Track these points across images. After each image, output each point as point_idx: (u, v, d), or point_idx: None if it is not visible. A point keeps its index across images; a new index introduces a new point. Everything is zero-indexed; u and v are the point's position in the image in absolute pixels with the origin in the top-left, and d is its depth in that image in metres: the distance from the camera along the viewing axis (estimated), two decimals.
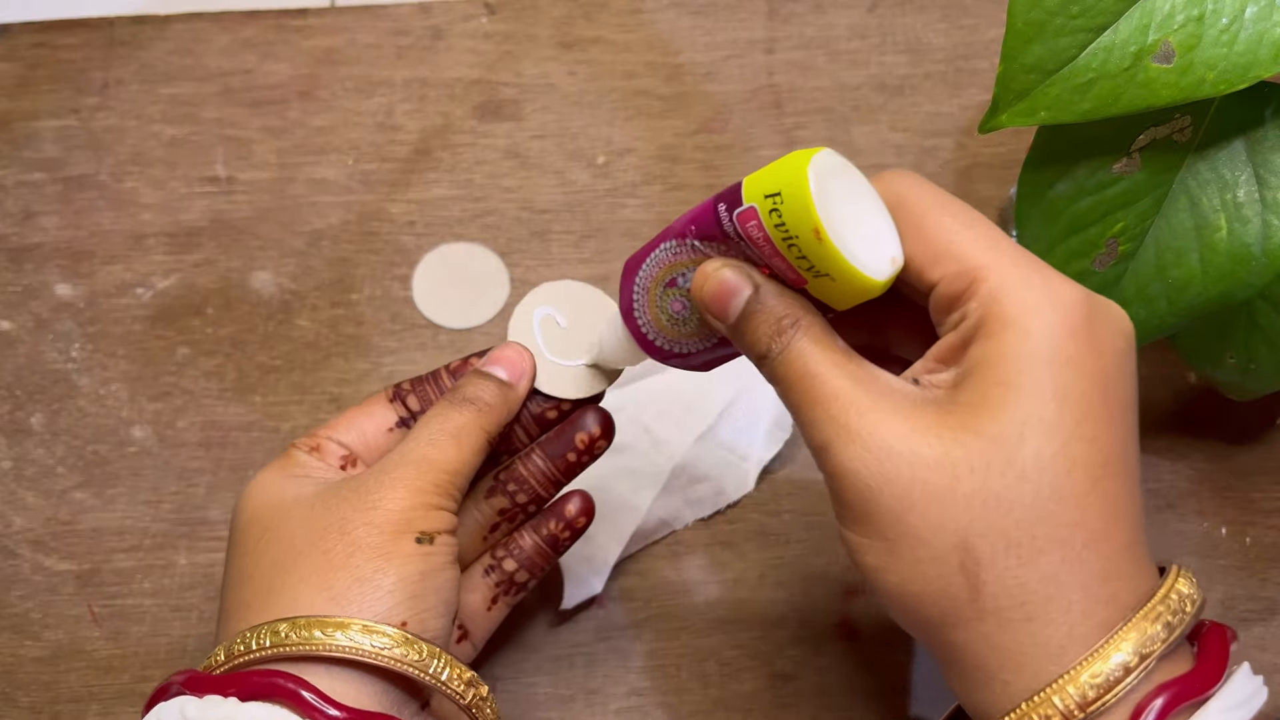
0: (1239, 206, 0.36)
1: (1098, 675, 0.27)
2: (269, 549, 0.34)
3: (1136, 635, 0.28)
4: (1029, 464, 0.28)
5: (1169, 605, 0.28)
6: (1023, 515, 0.28)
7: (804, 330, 0.31)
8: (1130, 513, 0.29)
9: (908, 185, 0.31)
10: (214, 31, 0.53)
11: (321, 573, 0.33)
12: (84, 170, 0.51)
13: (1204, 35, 0.33)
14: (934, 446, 0.28)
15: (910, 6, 0.54)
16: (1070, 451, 0.28)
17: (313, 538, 0.34)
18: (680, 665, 0.44)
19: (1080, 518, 0.28)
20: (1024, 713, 0.28)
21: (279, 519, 0.35)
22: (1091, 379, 0.29)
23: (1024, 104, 0.35)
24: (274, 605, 0.33)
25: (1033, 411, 0.28)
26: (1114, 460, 0.29)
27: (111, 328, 0.49)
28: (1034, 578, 0.28)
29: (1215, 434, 0.48)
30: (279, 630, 0.32)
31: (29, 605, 0.45)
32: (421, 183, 0.51)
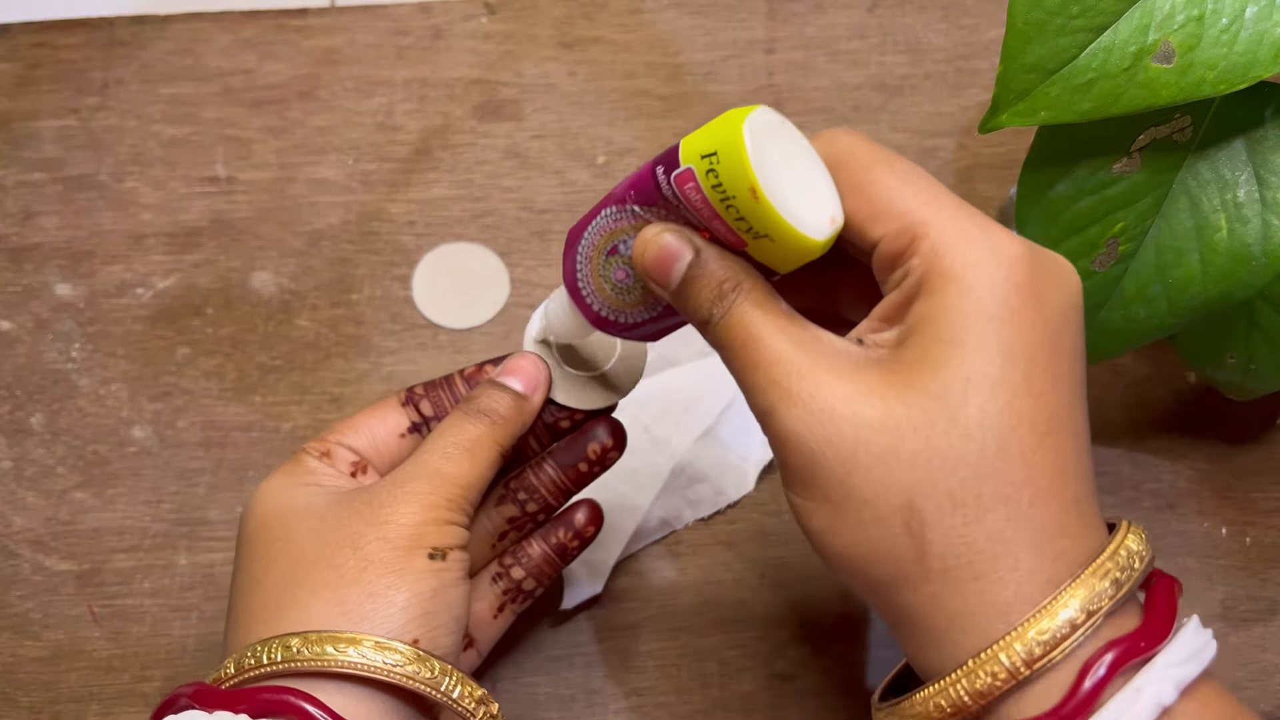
0: (1239, 206, 0.36)
1: (1044, 632, 0.27)
2: (279, 559, 0.34)
3: (1084, 592, 0.27)
4: (973, 421, 0.27)
5: (1117, 562, 0.28)
6: (967, 474, 0.28)
7: (745, 294, 0.30)
8: (1078, 469, 0.29)
9: (848, 143, 0.30)
10: (214, 31, 0.53)
11: (333, 587, 0.33)
12: (84, 170, 0.51)
13: (1204, 35, 0.33)
14: (876, 407, 0.28)
15: (910, 6, 0.54)
16: (1015, 408, 0.28)
17: (324, 551, 0.33)
18: (680, 665, 0.44)
19: (1026, 475, 0.28)
20: (970, 669, 0.28)
21: (289, 528, 0.35)
22: (1036, 333, 0.28)
23: (1024, 104, 0.35)
24: (284, 618, 0.33)
25: (976, 368, 0.28)
26: (1061, 416, 0.28)
27: (111, 328, 0.49)
28: (980, 536, 0.28)
29: (1215, 434, 0.48)
30: (290, 645, 0.31)
31: (29, 605, 0.45)
32: (421, 183, 0.51)
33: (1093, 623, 0.27)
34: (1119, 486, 0.47)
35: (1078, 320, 0.30)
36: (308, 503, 0.35)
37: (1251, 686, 0.44)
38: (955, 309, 0.28)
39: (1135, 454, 0.47)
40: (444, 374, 0.39)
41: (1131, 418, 0.48)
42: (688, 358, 0.47)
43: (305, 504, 0.35)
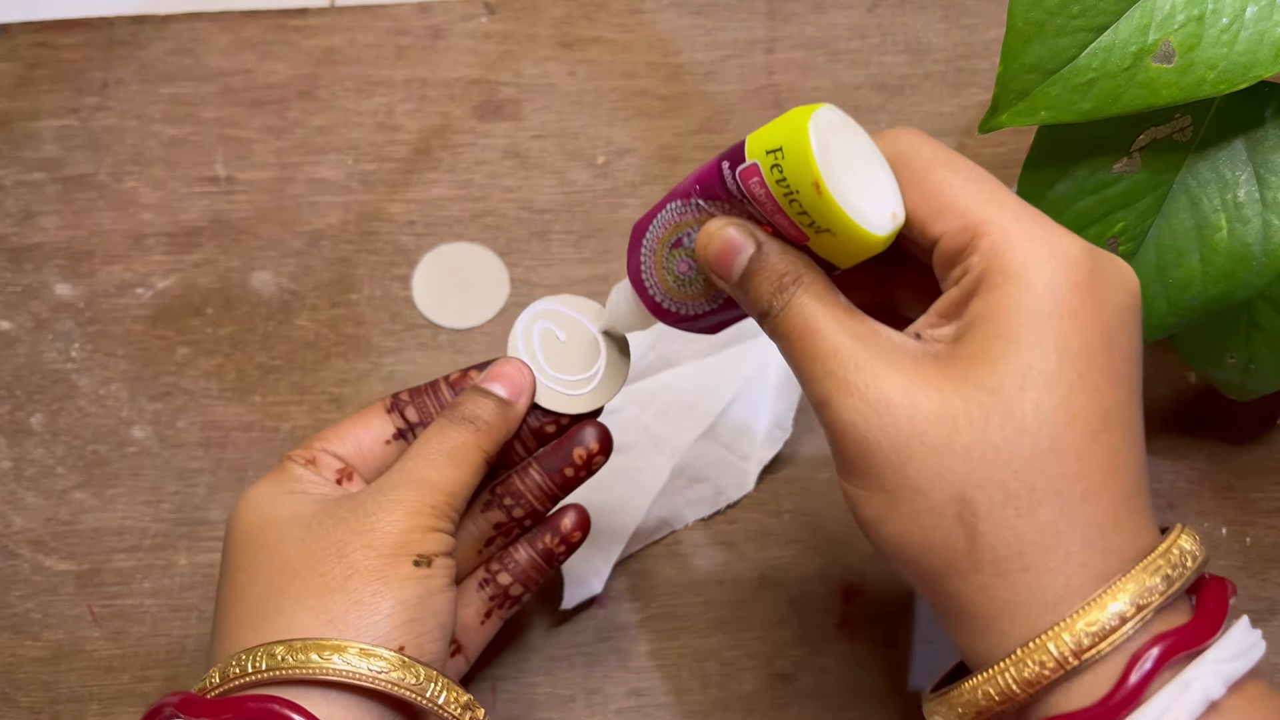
0: (1239, 206, 0.36)
1: (1094, 624, 0.27)
2: (264, 567, 0.34)
3: (1134, 586, 0.28)
4: (1028, 416, 0.28)
5: (1169, 559, 0.28)
6: (1021, 467, 0.28)
7: (805, 286, 0.30)
8: (1131, 466, 0.29)
9: (911, 142, 0.30)
10: (214, 31, 0.53)
11: (319, 595, 0.33)
12: (84, 170, 0.51)
13: (1204, 35, 0.33)
14: (932, 399, 0.28)
15: (910, 6, 0.54)
16: (1070, 404, 0.28)
17: (310, 559, 0.33)
18: (680, 665, 0.44)
19: (1079, 469, 0.28)
20: (1019, 659, 0.28)
21: (275, 537, 0.35)
22: (1093, 332, 0.28)
23: (1024, 104, 0.35)
24: (269, 627, 0.33)
25: (1033, 364, 0.28)
26: (1115, 413, 0.29)
27: (111, 328, 0.49)
28: (1031, 529, 0.28)
29: (1215, 434, 0.48)
30: (275, 653, 0.31)
31: (29, 605, 0.45)
32: (421, 183, 0.51)
33: (1142, 616, 0.27)
34: None
35: (1135, 321, 0.30)
36: (293, 511, 0.35)
37: None
38: (1014, 306, 0.28)
39: None
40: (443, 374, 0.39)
41: None
42: (688, 358, 0.47)
43: (291, 512, 0.35)
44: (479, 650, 0.39)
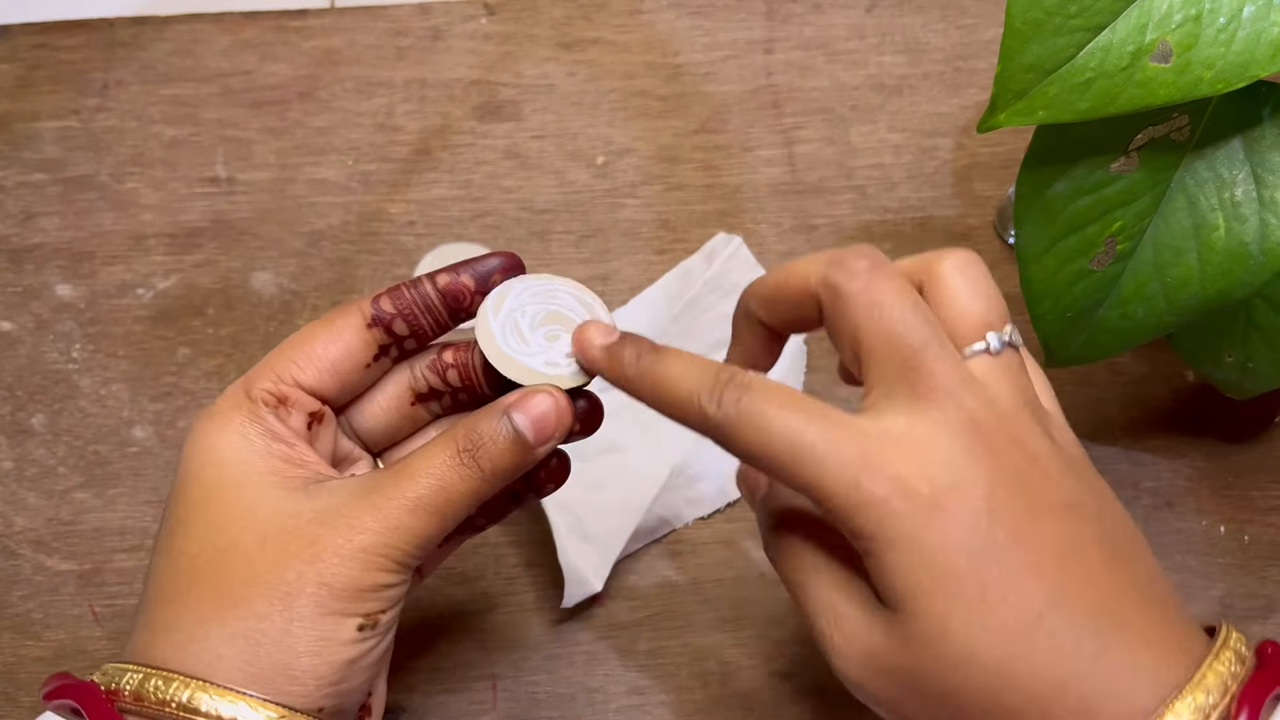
0: (1237, 205, 0.36)
1: (1190, 704, 0.26)
2: (206, 543, 0.31)
3: (1199, 695, 0.27)
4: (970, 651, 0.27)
5: (1234, 650, 0.27)
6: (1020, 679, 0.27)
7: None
8: (1132, 587, 0.28)
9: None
10: (214, 32, 0.54)
11: (253, 644, 0.30)
12: (84, 171, 0.51)
13: (1201, 34, 0.33)
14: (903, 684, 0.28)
15: (909, 7, 0.54)
16: (1016, 604, 0.27)
17: (254, 584, 0.30)
18: (680, 664, 0.44)
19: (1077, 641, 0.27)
20: None
21: (228, 513, 0.31)
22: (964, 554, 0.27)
23: (1022, 103, 0.35)
24: (195, 652, 0.30)
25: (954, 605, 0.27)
26: (1074, 558, 0.28)
27: (112, 328, 0.49)
28: (1064, 707, 0.27)
29: (1213, 432, 0.48)
30: (195, 700, 0.29)
31: (30, 605, 0.45)
32: (421, 183, 0.51)
33: (1229, 698, 0.27)
34: (1118, 485, 0.47)
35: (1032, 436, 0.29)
36: (254, 477, 0.32)
37: None
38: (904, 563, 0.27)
39: (1134, 452, 0.47)
40: None
41: (1130, 416, 0.48)
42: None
43: (250, 478, 0.32)
44: (436, 568, 0.38)
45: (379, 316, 0.34)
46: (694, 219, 0.51)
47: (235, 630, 0.30)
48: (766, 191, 0.51)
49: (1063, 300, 0.38)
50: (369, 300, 0.34)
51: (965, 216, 0.51)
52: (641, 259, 0.50)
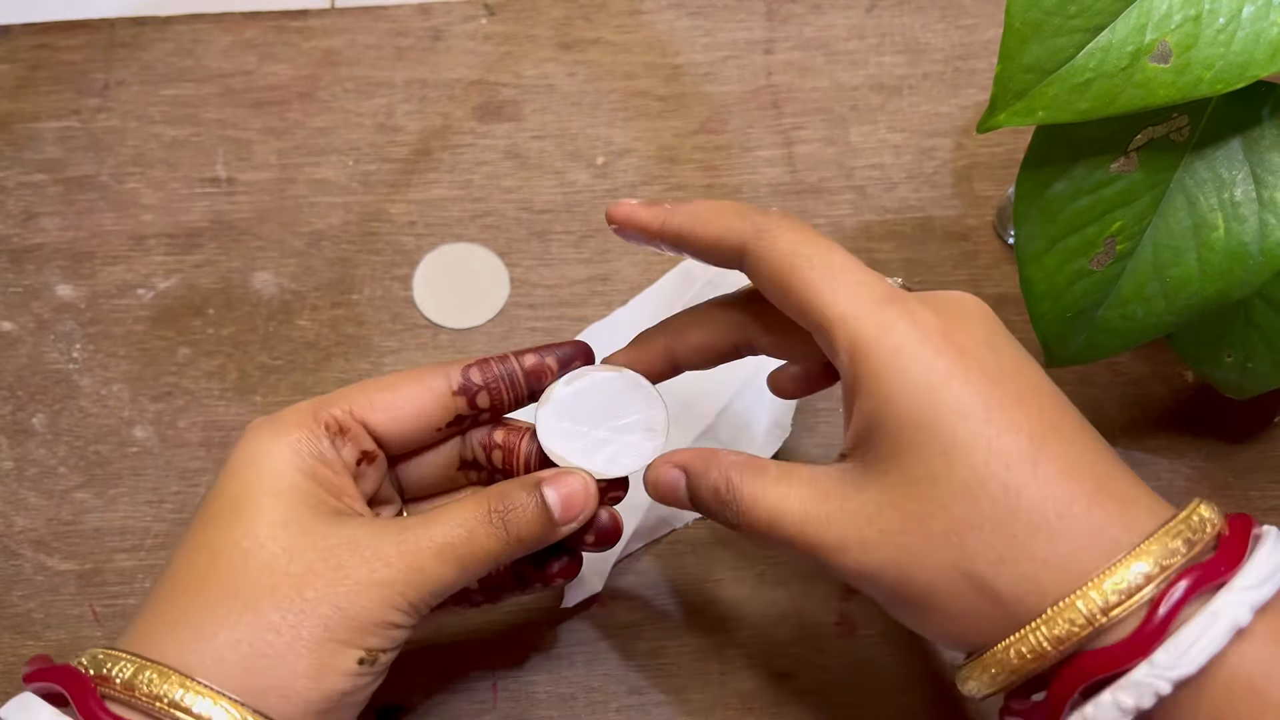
0: (1236, 206, 0.36)
1: (1120, 582, 0.28)
2: (231, 542, 0.32)
3: (1158, 548, 0.29)
4: (967, 487, 0.30)
5: (1189, 524, 0.29)
6: (992, 530, 0.30)
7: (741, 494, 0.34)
8: (1097, 453, 0.31)
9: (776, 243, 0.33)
10: (215, 33, 0.54)
11: (255, 655, 0.30)
12: (85, 171, 0.51)
13: (1201, 35, 0.33)
14: (893, 536, 0.31)
15: (908, 7, 0.54)
16: (997, 453, 0.30)
17: (268, 597, 0.31)
18: (680, 664, 0.44)
19: (1042, 495, 0.29)
20: (1049, 617, 0.29)
21: (260, 518, 0.32)
22: (979, 378, 0.30)
23: (1022, 104, 0.35)
24: (198, 649, 0.30)
25: (946, 445, 0.30)
26: (1040, 430, 0.30)
27: (113, 328, 0.49)
28: (1034, 565, 0.29)
29: (1213, 432, 0.48)
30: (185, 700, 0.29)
31: (31, 605, 0.45)
32: (421, 183, 0.51)
33: (1166, 576, 0.28)
34: None
35: (1004, 337, 0.32)
36: (291, 506, 0.32)
37: None
38: (901, 406, 0.30)
39: (1133, 452, 0.47)
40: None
41: (1129, 416, 0.48)
42: None
43: (289, 495, 0.32)
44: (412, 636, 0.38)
45: (466, 386, 0.35)
46: None
47: (242, 637, 0.31)
48: (766, 192, 0.51)
49: (1062, 300, 0.38)
50: (459, 368, 0.36)
51: (965, 217, 0.51)
52: (641, 259, 0.50)
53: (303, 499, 0.33)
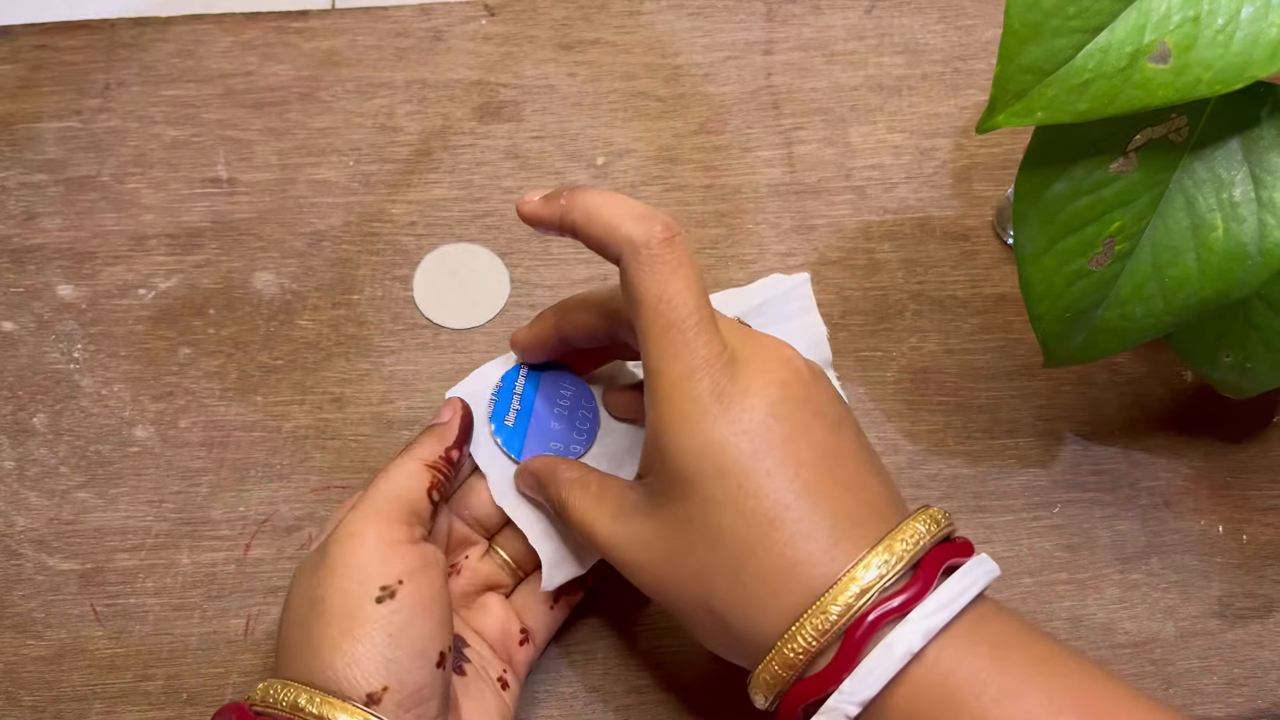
0: (1235, 206, 0.36)
1: (820, 624, 0.32)
2: (287, 607, 0.37)
3: (855, 588, 0.32)
4: (712, 538, 0.33)
5: (889, 558, 0.32)
6: (729, 579, 0.33)
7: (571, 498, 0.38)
8: (822, 512, 0.33)
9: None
10: (215, 33, 0.54)
11: (315, 642, 0.35)
12: (86, 172, 0.51)
13: (1200, 35, 0.33)
14: (658, 550, 0.35)
15: (908, 8, 0.54)
16: (742, 514, 0.33)
17: (302, 605, 0.36)
18: (680, 663, 0.44)
19: (769, 555, 0.33)
20: (769, 658, 0.33)
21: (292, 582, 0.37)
22: (746, 447, 0.33)
23: (1021, 104, 0.35)
24: (297, 650, 0.35)
25: (697, 502, 0.34)
26: (786, 496, 0.33)
27: (114, 328, 0.49)
28: (759, 611, 0.33)
29: (1212, 432, 0.48)
30: (299, 701, 0.34)
31: (32, 605, 0.45)
32: (422, 184, 0.51)
33: (857, 610, 0.31)
34: (1116, 485, 0.47)
35: (796, 400, 0.34)
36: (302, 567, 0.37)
37: (1248, 683, 0.44)
38: (672, 465, 0.34)
39: (1132, 452, 0.47)
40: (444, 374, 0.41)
41: (1128, 416, 0.48)
42: None
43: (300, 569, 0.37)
44: (549, 637, 0.42)
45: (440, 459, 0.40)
46: (694, 219, 0.51)
47: (301, 640, 0.35)
48: (766, 192, 0.52)
49: (1061, 300, 0.39)
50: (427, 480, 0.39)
51: (964, 217, 0.51)
52: None
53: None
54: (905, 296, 0.50)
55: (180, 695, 0.44)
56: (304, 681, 0.34)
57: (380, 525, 0.36)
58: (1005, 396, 0.48)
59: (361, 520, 0.36)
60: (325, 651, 0.34)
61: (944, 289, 0.50)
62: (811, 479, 0.33)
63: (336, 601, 0.35)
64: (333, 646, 0.34)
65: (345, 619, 0.34)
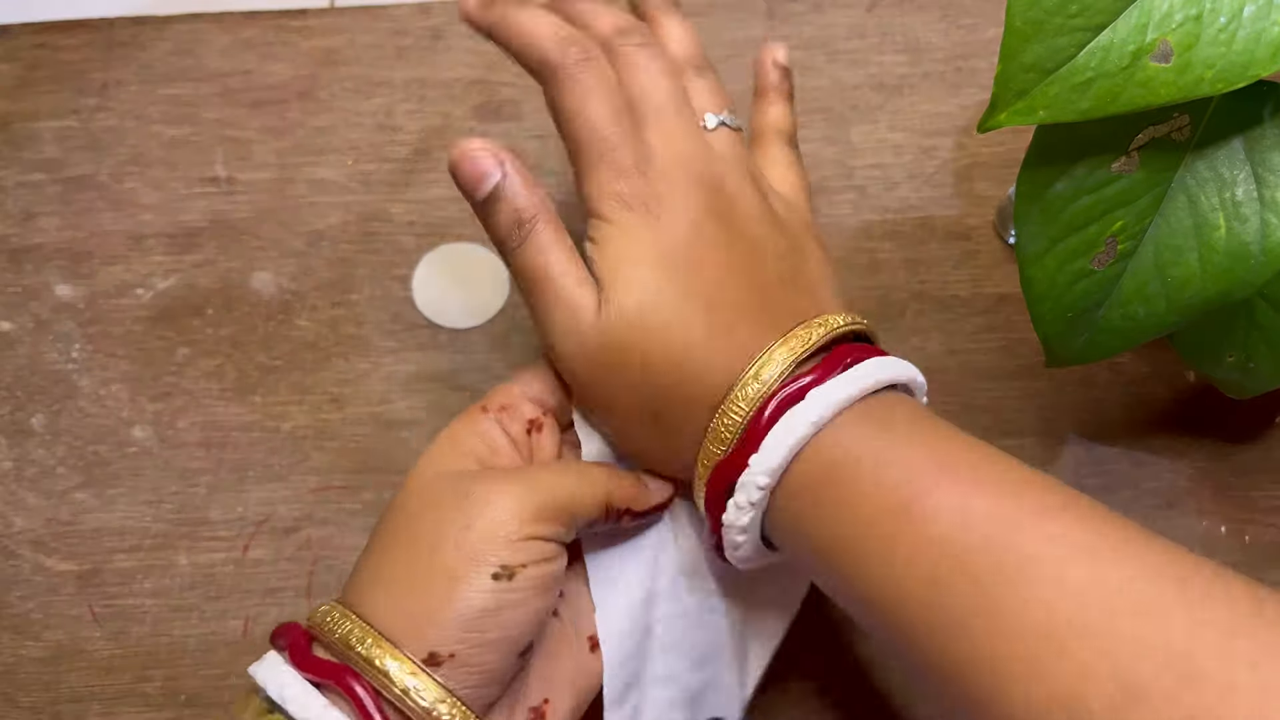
0: (1238, 205, 0.36)
1: (739, 401, 0.34)
2: (393, 527, 0.35)
3: (768, 371, 0.34)
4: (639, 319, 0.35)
5: (802, 343, 0.34)
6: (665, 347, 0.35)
7: (539, 230, 0.37)
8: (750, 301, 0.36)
9: None
10: (214, 32, 0.54)
11: (404, 586, 0.34)
12: (84, 171, 0.51)
13: (1202, 34, 0.33)
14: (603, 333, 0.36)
15: (909, 6, 0.54)
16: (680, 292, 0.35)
17: (414, 543, 0.34)
18: None
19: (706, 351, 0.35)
20: (711, 429, 0.35)
21: (416, 504, 0.36)
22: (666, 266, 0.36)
23: (1023, 103, 0.35)
24: (369, 595, 0.34)
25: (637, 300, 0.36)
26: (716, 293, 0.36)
27: (112, 328, 0.49)
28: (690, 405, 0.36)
29: (1214, 432, 0.48)
30: (351, 638, 0.33)
31: (30, 606, 0.45)
32: (421, 183, 0.51)
33: (768, 389, 0.34)
34: (1118, 485, 0.47)
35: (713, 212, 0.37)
36: (436, 481, 0.36)
37: None
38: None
39: (1134, 452, 0.47)
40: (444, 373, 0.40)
41: (1130, 416, 0.48)
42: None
43: (433, 482, 0.36)
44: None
45: None
46: None
47: (398, 575, 0.34)
48: None
49: (1063, 300, 0.38)
50: None
51: (965, 216, 0.51)
52: None
53: (448, 475, 0.36)
54: (906, 296, 0.49)
55: (178, 697, 0.44)
56: (366, 617, 0.33)
57: (534, 514, 0.34)
58: (1007, 397, 0.48)
59: (521, 498, 0.35)
60: (408, 599, 0.33)
61: (945, 289, 0.50)
62: (728, 282, 0.35)
63: (448, 557, 0.33)
64: (420, 599, 0.33)
65: (450, 580, 0.33)
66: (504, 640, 0.33)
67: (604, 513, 0.37)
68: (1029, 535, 0.30)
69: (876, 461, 0.32)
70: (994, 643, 0.29)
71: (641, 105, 0.38)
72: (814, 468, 0.33)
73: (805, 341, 0.35)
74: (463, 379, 0.48)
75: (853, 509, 0.32)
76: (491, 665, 0.33)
